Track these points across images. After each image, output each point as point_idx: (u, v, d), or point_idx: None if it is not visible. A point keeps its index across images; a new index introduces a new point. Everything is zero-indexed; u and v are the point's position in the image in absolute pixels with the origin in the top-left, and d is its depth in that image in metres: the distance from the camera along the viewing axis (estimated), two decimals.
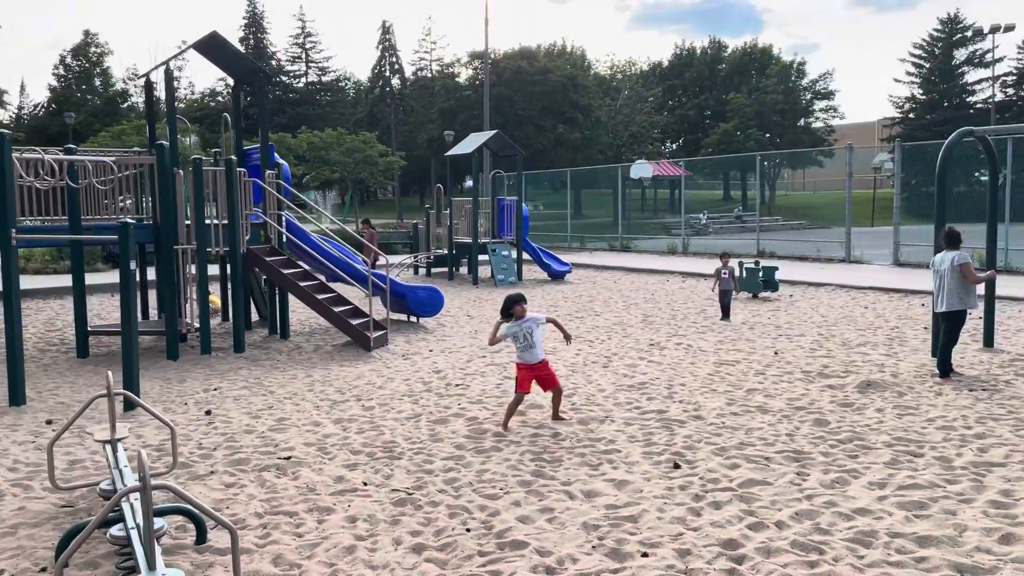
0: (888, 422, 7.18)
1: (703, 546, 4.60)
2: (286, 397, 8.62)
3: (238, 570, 3.78)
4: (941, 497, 5.30)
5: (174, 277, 10.96)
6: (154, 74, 12.60)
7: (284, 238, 12.49)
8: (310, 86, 70.51)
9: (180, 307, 11.26)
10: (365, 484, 5.82)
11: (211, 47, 12.32)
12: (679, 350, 10.95)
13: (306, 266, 12.81)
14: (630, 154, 56.98)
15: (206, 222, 11.13)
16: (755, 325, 13.02)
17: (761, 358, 10.26)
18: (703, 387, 8.71)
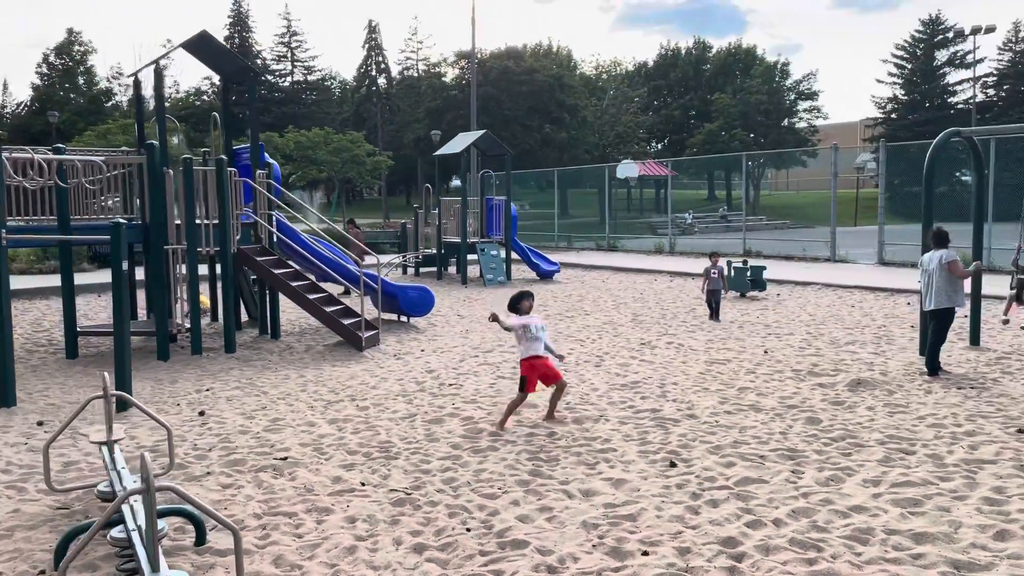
0: (879, 420, 7.25)
1: (703, 544, 4.64)
2: (279, 397, 8.60)
3: (241, 571, 3.78)
4: (935, 494, 5.36)
5: (164, 277, 10.91)
6: (143, 73, 12.55)
7: (275, 238, 12.45)
8: (296, 85, 70.18)
9: (170, 307, 11.19)
10: (363, 484, 5.83)
11: (200, 46, 12.27)
12: (670, 349, 11.01)
13: (296, 266, 12.77)
14: (616, 154, 57.10)
15: (196, 222, 11.07)
16: (744, 324, 13.10)
17: (751, 357, 10.33)
18: (695, 386, 8.76)
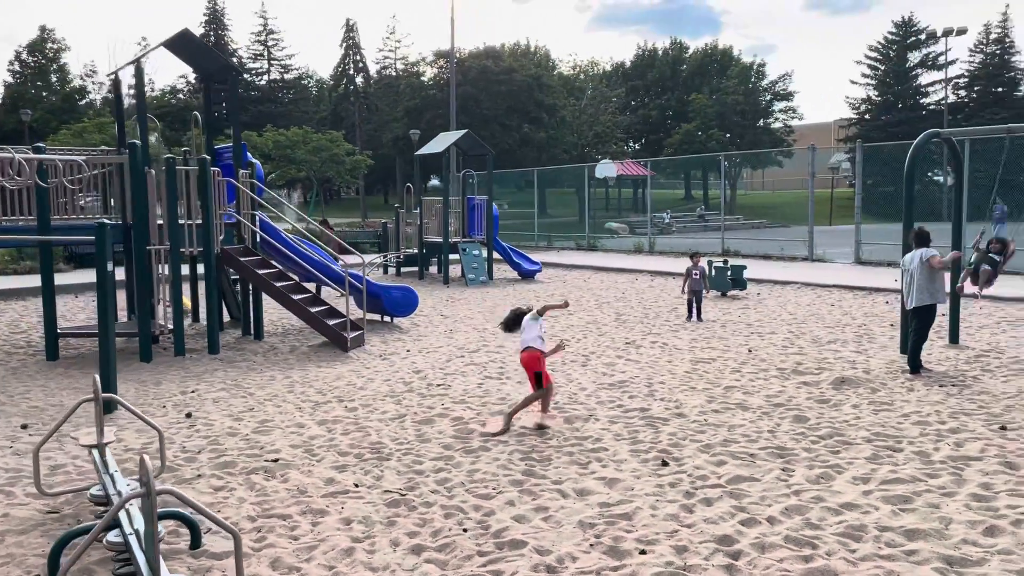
0: (865, 418, 7.34)
1: (699, 543, 4.68)
2: (266, 399, 8.55)
3: (241, 574, 3.76)
4: (924, 491, 5.44)
5: (147, 278, 10.80)
6: (120, 71, 12.42)
7: (258, 238, 12.37)
8: (272, 84, 69.69)
9: (152, 308, 11.09)
10: (356, 485, 5.81)
11: (181, 44, 12.16)
12: (655, 348, 11.07)
13: (279, 266, 12.70)
14: (595, 154, 57.31)
15: (179, 222, 10.98)
16: (726, 323, 13.20)
17: (736, 356, 10.41)
18: (682, 385, 8.82)
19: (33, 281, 17.78)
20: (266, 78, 69.64)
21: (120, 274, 13.32)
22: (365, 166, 43.64)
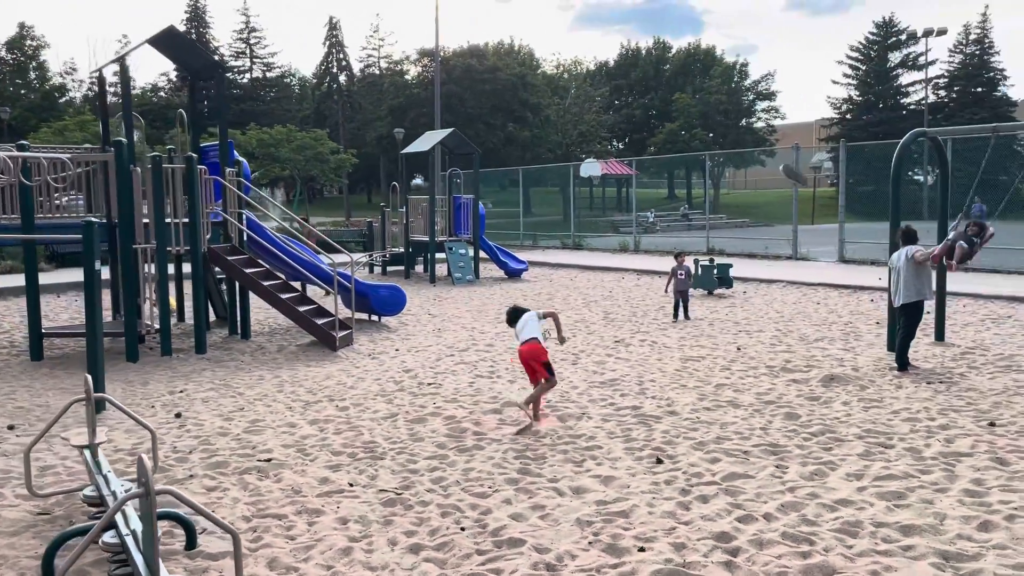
0: (856, 415, 7.39)
1: (697, 539, 4.69)
2: (256, 398, 8.50)
3: (240, 574, 3.73)
4: (917, 487, 5.48)
5: (133, 277, 10.71)
6: (100, 68, 12.31)
7: (245, 236, 12.29)
8: (254, 82, 69.25)
9: (138, 308, 10.99)
10: (351, 485, 5.78)
11: (167, 41, 12.07)
12: (644, 347, 11.09)
13: (266, 265, 12.62)
14: (579, 153, 57.38)
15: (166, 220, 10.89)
16: (714, 322, 13.25)
17: (724, 354, 10.45)
18: (672, 383, 8.84)
19: (14, 281, 17.60)
20: (248, 76, 69.20)
21: (104, 273, 13.22)
22: (349, 165, 43.46)
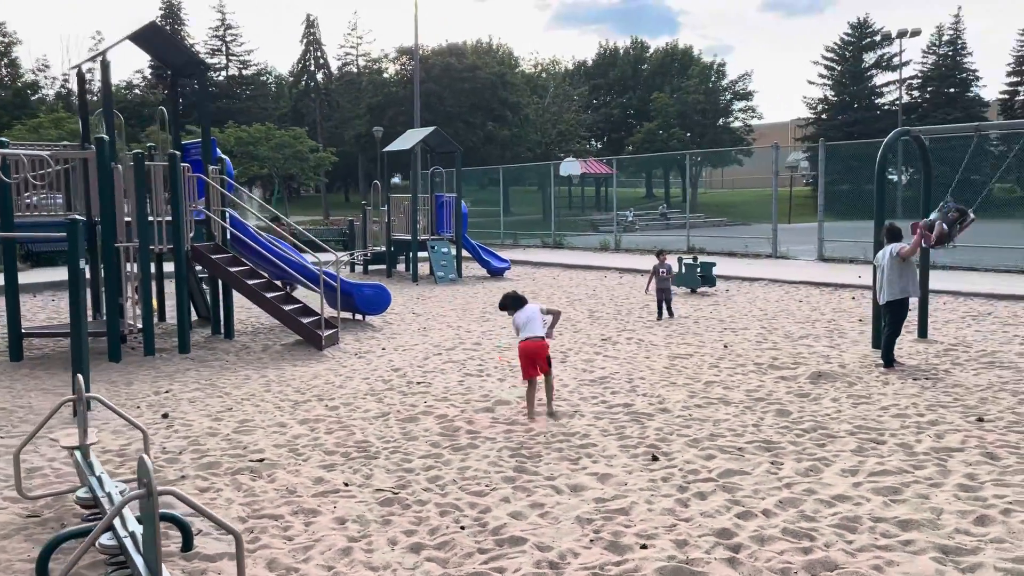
0: (846, 411, 7.44)
1: (698, 536, 4.70)
2: (244, 398, 8.41)
3: (243, 575, 3.68)
4: (912, 482, 5.53)
5: (115, 276, 10.56)
6: (75, 65, 12.14)
7: (228, 235, 12.16)
8: (230, 80, 68.62)
9: (121, 307, 10.84)
10: (347, 484, 5.73)
11: (148, 37, 11.93)
12: (631, 344, 11.11)
13: (250, 263, 12.49)
14: (558, 152, 57.41)
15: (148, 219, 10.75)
16: (699, 320, 13.29)
17: (712, 351, 10.49)
18: (662, 380, 8.86)
19: (3, 280, 17.30)
20: (224, 74, 68.56)
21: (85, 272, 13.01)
22: (329, 163, 43.19)
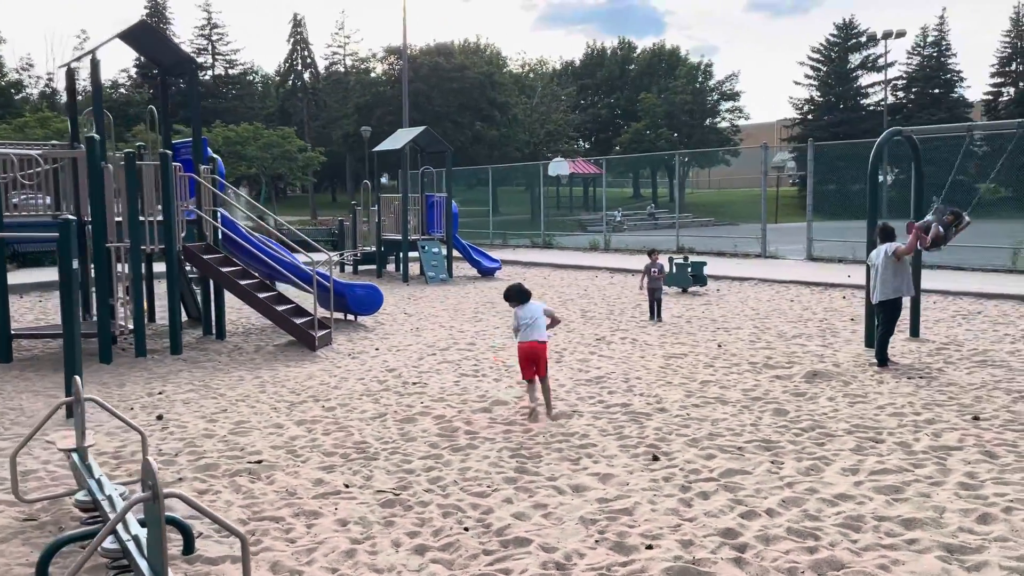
0: (843, 410, 7.46)
1: (703, 536, 4.69)
2: (239, 399, 8.34)
3: None
4: (912, 481, 5.54)
5: (106, 277, 10.46)
6: (60, 64, 12.02)
7: (220, 235, 12.08)
8: (216, 79, 68.23)
9: (112, 308, 10.74)
10: (347, 486, 5.69)
11: (139, 36, 11.83)
12: (625, 344, 11.11)
13: (241, 263, 12.41)
14: (547, 151, 57.42)
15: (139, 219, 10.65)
16: (691, 319, 13.31)
17: (706, 351, 10.51)
18: (658, 380, 8.86)
19: None
20: (210, 73, 68.16)
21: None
22: (318, 162, 43.01)
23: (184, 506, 5.20)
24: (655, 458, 6.15)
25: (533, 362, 7.42)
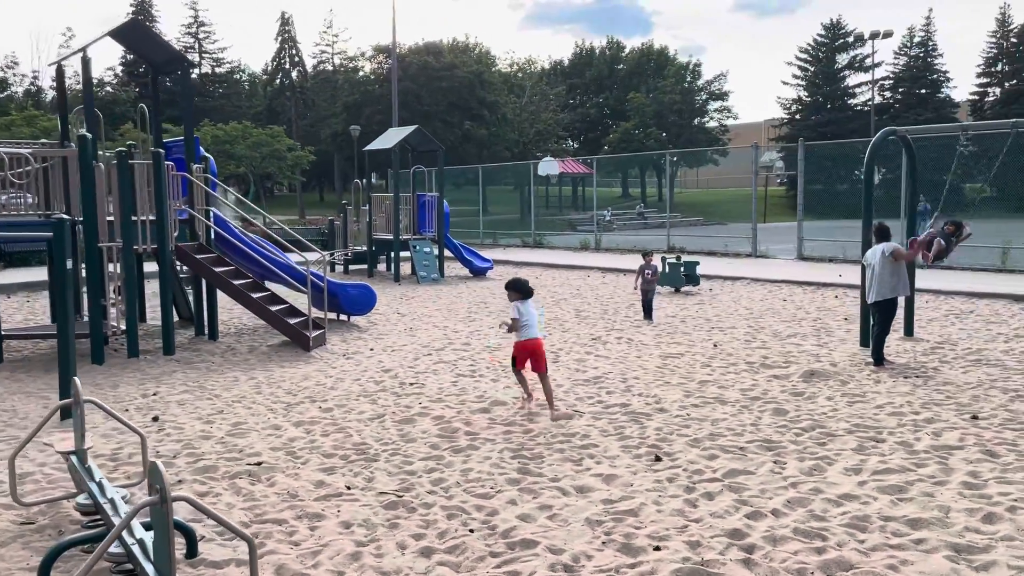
0: (842, 410, 7.47)
1: (711, 537, 4.67)
2: (234, 400, 8.27)
3: None
4: (916, 480, 5.54)
5: (97, 277, 10.36)
6: (49, 62, 11.91)
7: (212, 234, 11.99)
8: (203, 78, 67.86)
9: (104, 308, 10.63)
10: (349, 488, 5.64)
11: (130, 34, 11.73)
12: (621, 344, 11.10)
13: (234, 264, 12.31)
14: (536, 151, 57.40)
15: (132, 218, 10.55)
16: (686, 319, 13.32)
17: (702, 350, 10.51)
18: (656, 380, 8.85)
19: None
20: (197, 72, 67.76)
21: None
22: (307, 161, 42.84)
23: (185, 509, 5.16)
24: (658, 458, 6.13)
25: (535, 355, 7.55)
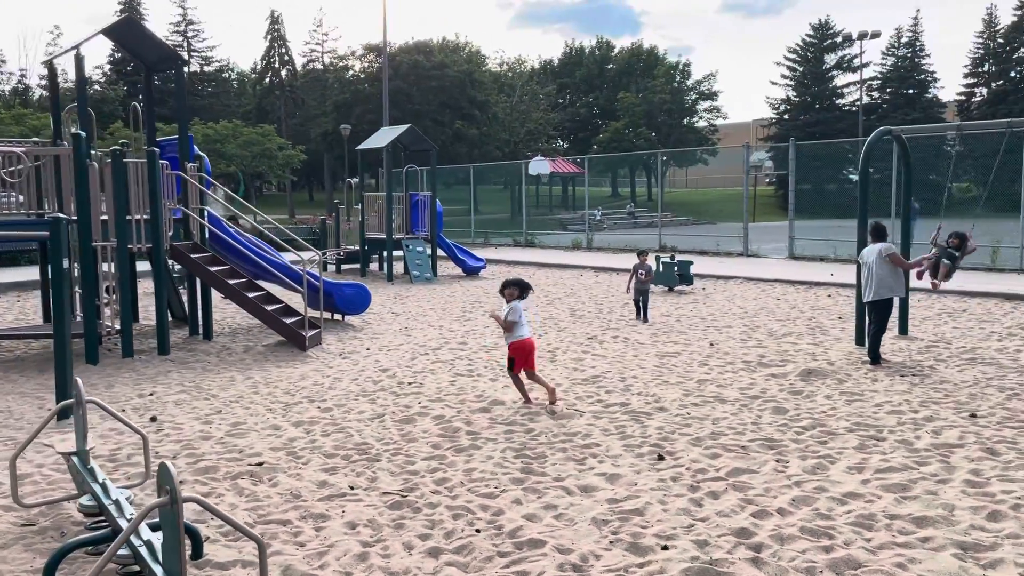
0: (841, 408, 7.49)
1: (718, 536, 4.67)
2: (232, 400, 8.23)
3: None
4: (919, 479, 5.56)
5: (92, 276, 10.27)
6: (39, 61, 11.81)
7: (207, 233, 11.92)
8: (192, 76, 67.50)
9: (98, 308, 10.56)
10: (352, 488, 5.62)
11: (123, 32, 11.65)
12: (617, 343, 11.10)
13: (228, 263, 12.25)
14: (526, 151, 57.39)
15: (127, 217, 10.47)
16: (680, 318, 13.34)
17: (699, 349, 10.52)
18: (655, 379, 8.85)
19: None
20: (186, 70, 67.40)
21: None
22: (298, 160, 42.68)
23: (189, 510, 5.12)
24: (660, 457, 6.13)
25: (527, 353, 7.75)
